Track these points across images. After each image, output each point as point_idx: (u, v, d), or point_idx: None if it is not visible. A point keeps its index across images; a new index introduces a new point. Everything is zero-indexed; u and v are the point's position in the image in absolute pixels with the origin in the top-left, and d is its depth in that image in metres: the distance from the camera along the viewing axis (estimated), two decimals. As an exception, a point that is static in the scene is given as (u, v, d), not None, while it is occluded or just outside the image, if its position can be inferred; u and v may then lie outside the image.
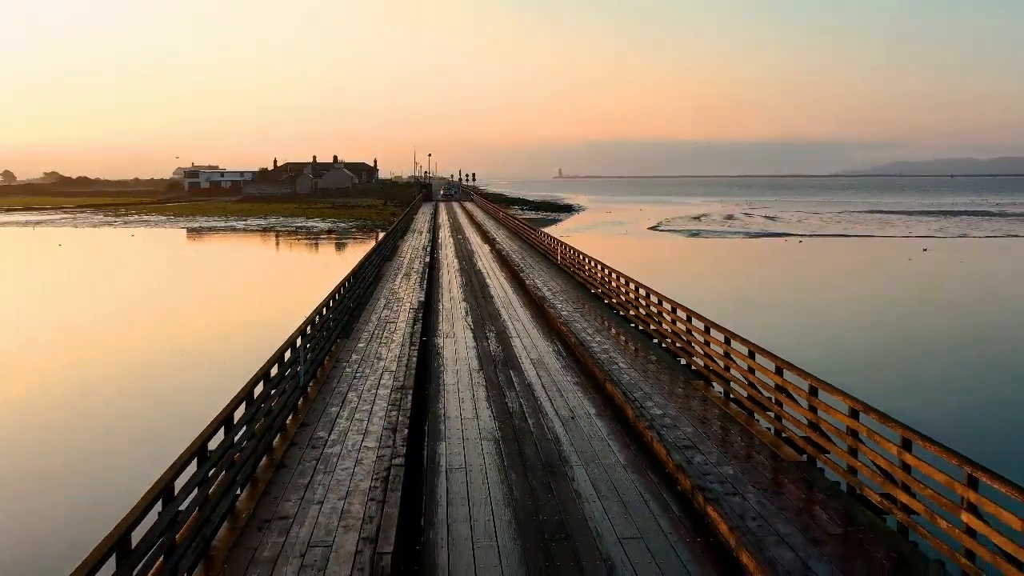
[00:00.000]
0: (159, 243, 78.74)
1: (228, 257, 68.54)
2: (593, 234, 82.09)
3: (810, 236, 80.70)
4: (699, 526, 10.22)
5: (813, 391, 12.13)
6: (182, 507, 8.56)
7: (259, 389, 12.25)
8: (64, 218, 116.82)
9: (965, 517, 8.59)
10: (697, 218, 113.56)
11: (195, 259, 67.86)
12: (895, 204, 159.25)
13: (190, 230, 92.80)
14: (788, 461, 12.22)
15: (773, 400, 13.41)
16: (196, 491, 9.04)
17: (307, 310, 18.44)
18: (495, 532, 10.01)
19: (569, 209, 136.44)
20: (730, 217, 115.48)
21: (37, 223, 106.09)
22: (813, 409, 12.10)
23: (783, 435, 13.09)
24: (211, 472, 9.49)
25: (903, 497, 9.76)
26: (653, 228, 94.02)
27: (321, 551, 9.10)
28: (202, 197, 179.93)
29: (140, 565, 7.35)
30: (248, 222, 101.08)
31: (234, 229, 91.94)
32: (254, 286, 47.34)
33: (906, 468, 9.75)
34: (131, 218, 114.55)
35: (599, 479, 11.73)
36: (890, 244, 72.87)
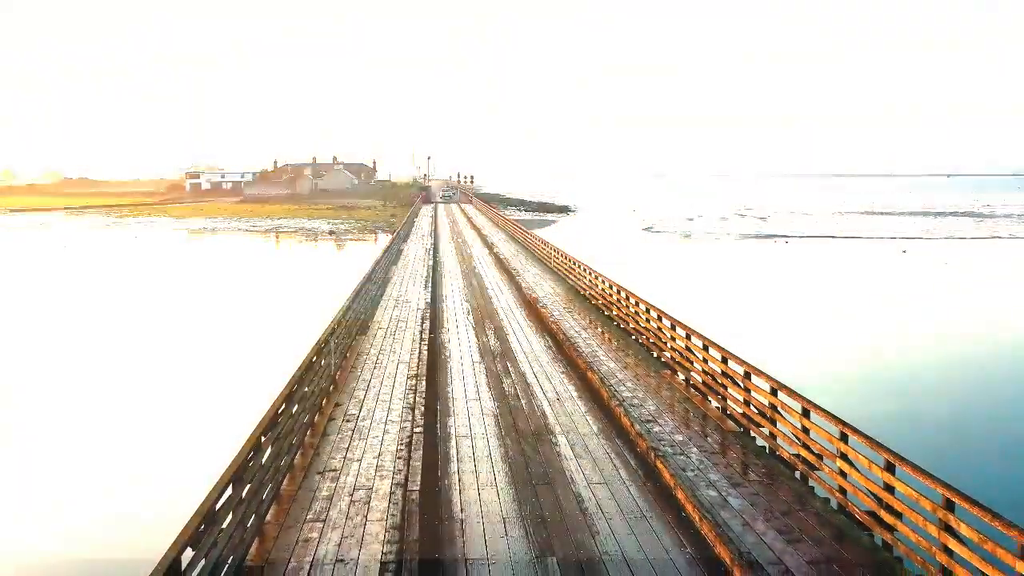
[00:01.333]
0: (164, 244, 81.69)
1: (237, 258, 71.47)
2: (588, 236, 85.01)
3: (798, 238, 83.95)
4: (650, 475, 13.34)
5: (747, 375, 15.22)
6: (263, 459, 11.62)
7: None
8: (67, 219, 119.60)
9: (839, 463, 11.70)
10: (691, 219, 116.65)
11: (203, 260, 70.82)
12: (888, 205, 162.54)
13: (194, 230, 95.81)
14: (729, 432, 15.31)
15: (720, 384, 16.49)
16: (271, 448, 12.10)
17: (327, 306, 21.51)
18: (495, 479, 13.13)
19: (566, 210, 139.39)
20: (724, 218, 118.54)
21: (40, 224, 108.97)
22: (748, 390, 15.19)
23: (727, 412, 16.17)
24: (280, 433, 12.55)
25: (804, 453, 12.85)
26: (647, 229, 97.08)
27: (364, 491, 12.19)
28: (203, 198, 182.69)
29: (244, 492, 10.41)
30: (252, 223, 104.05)
31: (238, 230, 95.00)
32: (269, 284, 50.28)
33: (806, 431, 12.84)
34: (134, 219, 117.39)
35: (576, 443, 14.89)
36: (873, 245, 76.08)
